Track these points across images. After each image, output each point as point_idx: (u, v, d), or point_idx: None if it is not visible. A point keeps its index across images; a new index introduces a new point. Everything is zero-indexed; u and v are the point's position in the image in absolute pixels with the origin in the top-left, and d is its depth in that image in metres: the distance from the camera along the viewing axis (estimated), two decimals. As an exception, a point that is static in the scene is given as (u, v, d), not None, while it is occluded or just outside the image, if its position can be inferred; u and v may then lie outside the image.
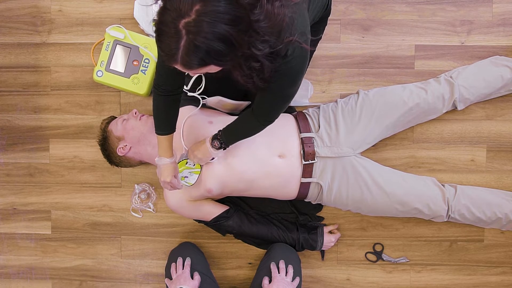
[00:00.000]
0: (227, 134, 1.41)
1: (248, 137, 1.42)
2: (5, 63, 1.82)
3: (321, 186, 1.57)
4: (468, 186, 1.66)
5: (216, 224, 1.65)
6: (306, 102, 1.74)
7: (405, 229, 1.75)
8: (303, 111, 1.66)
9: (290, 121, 1.60)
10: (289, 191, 1.59)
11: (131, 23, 1.76)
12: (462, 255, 1.75)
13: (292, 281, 1.51)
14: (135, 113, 1.64)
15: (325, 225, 1.74)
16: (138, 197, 1.79)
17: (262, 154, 1.53)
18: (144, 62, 1.69)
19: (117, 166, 1.69)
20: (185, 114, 1.59)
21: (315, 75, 1.75)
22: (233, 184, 1.55)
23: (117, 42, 1.69)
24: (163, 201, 1.79)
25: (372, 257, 1.77)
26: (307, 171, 1.55)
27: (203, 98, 1.62)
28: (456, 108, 1.65)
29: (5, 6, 1.81)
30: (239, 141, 1.45)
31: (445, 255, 1.75)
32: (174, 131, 1.44)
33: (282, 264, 1.53)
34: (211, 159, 1.51)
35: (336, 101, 1.65)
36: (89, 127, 1.81)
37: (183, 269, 1.54)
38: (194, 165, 1.53)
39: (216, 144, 1.42)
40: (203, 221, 1.68)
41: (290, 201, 1.71)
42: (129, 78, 1.70)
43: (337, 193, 1.57)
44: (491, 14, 1.72)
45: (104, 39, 1.70)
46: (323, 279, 1.78)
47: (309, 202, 1.70)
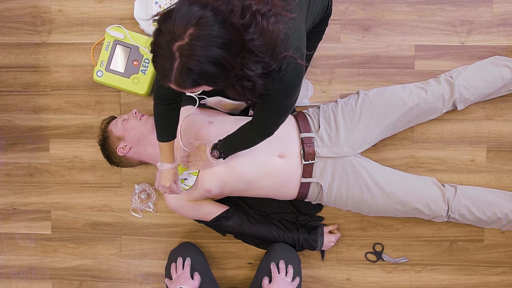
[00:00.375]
0: (226, 145, 1.44)
1: (248, 148, 1.43)
2: (5, 63, 1.82)
3: (321, 186, 1.57)
4: (468, 186, 1.66)
5: (216, 224, 1.65)
6: (306, 102, 1.74)
7: (405, 229, 1.75)
8: (303, 111, 1.66)
9: (290, 121, 1.60)
10: (289, 191, 1.59)
11: (131, 23, 1.76)
12: (462, 255, 1.75)
13: (292, 281, 1.51)
14: (135, 113, 1.64)
15: (325, 225, 1.74)
16: (138, 197, 1.79)
17: (262, 154, 1.53)
18: (144, 62, 1.69)
19: (117, 166, 1.69)
20: (184, 113, 1.59)
21: (315, 75, 1.75)
22: (233, 184, 1.55)
23: (117, 42, 1.69)
24: (163, 201, 1.79)
25: (372, 257, 1.77)
26: (307, 171, 1.55)
27: (203, 98, 1.63)
28: (456, 108, 1.65)
29: (5, 6, 1.81)
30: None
31: (445, 255, 1.75)
32: (175, 137, 1.46)
33: (282, 264, 1.53)
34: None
35: (336, 101, 1.65)
36: (89, 127, 1.81)
37: (183, 269, 1.54)
38: None
39: (216, 154, 1.46)
40: (203, 221, 1.68)
41: (290, 201, 1.71)
42: (129, 78, 1.70)
43: (337, 193, 1.57)
44: (491, 14, 1.72)
45: (104, 39, 1.70)
46: (323, 279, 1.78)
47: (309, 202, 1.70)
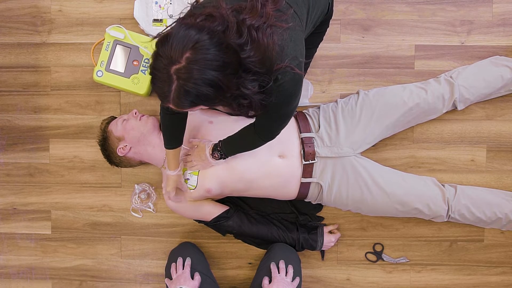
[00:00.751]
0: (227, 147, 1.44)
1: (249, 150, 1.44)
2: (5, 63, 1.82)
3: (321, 186, 1.57)
4: (468, 186, 1.66)
5: (216, 224, 1.65)
6: (306, 102, 1.74)
7: (405, 229, 1.75)
8: (303, 111, 1.66)
9: (290, 121, 1.60)
10: (289, 191, 1.59)
11: (131, 23, 1.76)
12: (462, 255, 1.75)
13: (292, 281, 1.51)
14: (135, 113, 1.64)
15: (325, 225, 1.73)
16: (138, 197, 1.79)
17: (262, 154, 1.53)
18: (144, 62, 1.69)
19: (117, 166, 1.69)
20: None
21: (315, 75, 1.75)
22: (232, 184, 1.55)
23: (117, 42, 1.68)
24: (163, 201, 1.79)
25: (372, 257, 1.77)
26: (307, 171, 1.55)
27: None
28: (456, 108, 1.65)
29: (5, 6, 1.81)
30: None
31: (445, 255, 1.75)
32: (181, 144, 1.49)
33: (282, 264, 1.53)
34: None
35: (336, 101, 1.65)
36: (89, 127, 1.81)
37: (183, 269, 1.54)
38: None
39: (217, 156, 1.47)
40: (203, 221, 1.68)
41: (290, 201, 1.71)
42: (129, 78, 1.70)
43: (337, 193, 1.57)
44: (491, 14, 1.72)
45: (104, 39, 1.70)
46: (323, 279, 1.78)
47: (309, 202, 1.70)
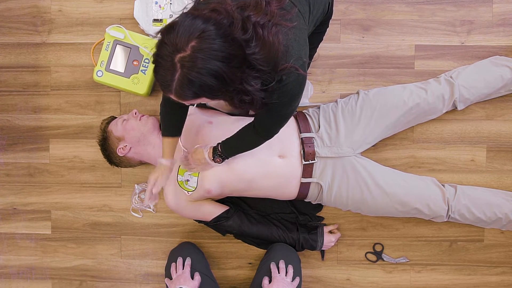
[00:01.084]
0: (227, 148, 1.43)
1: (249, 150, 1.43)
2: (5, 63, 1.82)
3: (321, 186, 1.57)
4: (468, 186, 1.66)
5: (216, 224, 1.65)
6: (306, 102, 1.74)
7: (405, 229, 1.75)
8: (303, 111, 1.66)
9: (290, 121, 1.60)
10: (289, 191, 1.59)
11: (131, 23, 1.76)
12: (462, 255, 1.75)
13: (292, 281, 1.51)
14: (135, 114, 1.64)
15: (325, 225, 1.73)
16: (138, 197, 1.79)
17: (262, 154, 1.53)
18: (144, 62, 1.69)
19: (117, 166, 1.69)
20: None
21: (315, 75, 1.75)
22: (232, 184, 1.55)
23: (117, 42, 1.68)
24: (163, 201, 1.79)
25: (372, 257, 1.77)
26: (307, 171, 1.55)
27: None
28: (456, 108, 1.65)
29: (5, 6, 1.81)
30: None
31: (445, 255, 1.75)
32: (180, 135, 1.47)
33: (282, 264, 1.53)
34: None
35: (336, 101, 1.65)
36: (89, 127, 1.81)
37: (183, 269, 1.54)
38: None
39: (219, 160, 1.45)
40: (203, 221, 1.68)
41: (290, 201, 1.71)
42: (129, 78, 1.70)
43: (337, 193, 1.57)
44: (491, 14, 1.72)
45: (104, 39, 1.70)
46: (323, 279, 1.78)
47: (309, 202, 1.70)
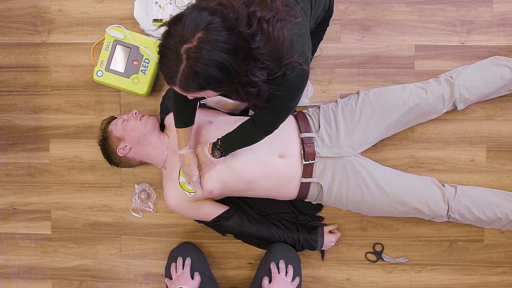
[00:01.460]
0: (227, 143, 1.43)
1: (248, 145, 1.44)
2: (5, 63, 1.82)
3: (321, 186, 1.57)
4: (468, 186, 1.66)
5: (216, 224, 1.65)
6: (306, 102, 1.74)
7: (405, 229, 1.75)
8: (303, 111, 1.66)
9: (290, 121, 1.60)
10: (289, 191, 1.59)
11: (131, 23, 1.76)
12: (462, 255, 1.75)
13: (292, 281, 1.51)
14: (135, 114, 1.64)
15: (325, 225, 1.74)
16: (138, 197, 1.79)
17: (262, 154, 1.53)
18: (144, 62, 1.69)
19: (117, 166, 1.69)
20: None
21: (315, 75, 1.75)
22: (233, 184, 1.55)
23: (117, 42, 1.68)
24: (163, 201, 1.79)
25: (372, 257, 1.77)
26: (307, 171, 1.55)
27: (203, 98, 1.63)
28: (456, 108, 1.65)
29: (5, 6, 1.81)
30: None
31: (445, 255, 1.75)
32: (193, 124, 1.48)
33: (282, 264, 1.53)
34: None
35: (336, 101, 1.65)
36: (89, 127, 1.81)
37: (183, 269, 1.54)
38: None
39: (217, 155, 1.46)
40: (203, 221, 1.68)
41: (290, 201, 1.71)
42: (129, 78, 1.70)
43: (337, 193, 1.57)
44: (491, 14, 1.72)
45: (104, 39, 1.70)
46: (323, 279, 1.78)
47: (309, 202, 1.69)
